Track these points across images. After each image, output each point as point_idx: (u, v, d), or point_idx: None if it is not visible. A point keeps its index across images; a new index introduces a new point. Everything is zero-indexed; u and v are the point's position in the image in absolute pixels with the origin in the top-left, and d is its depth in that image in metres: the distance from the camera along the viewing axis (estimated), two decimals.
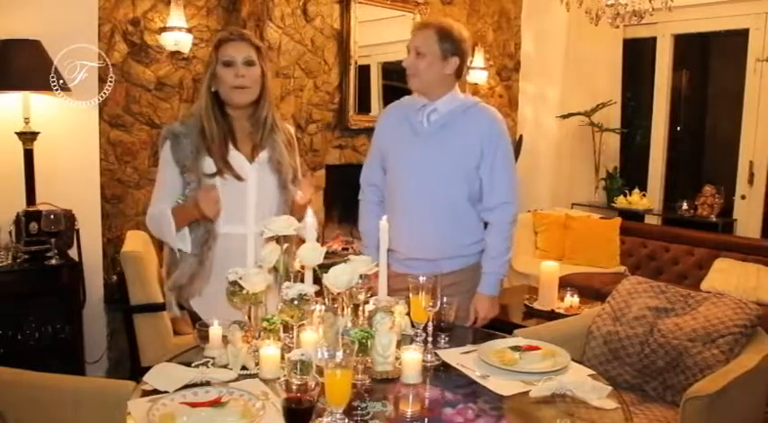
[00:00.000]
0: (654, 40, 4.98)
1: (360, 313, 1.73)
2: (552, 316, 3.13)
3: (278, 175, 2.08)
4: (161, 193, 2.03)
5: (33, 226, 2.76)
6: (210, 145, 1.98)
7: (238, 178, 2.00)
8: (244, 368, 1.64)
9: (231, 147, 2.02)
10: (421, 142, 2.20)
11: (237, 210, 2.02)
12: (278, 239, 1.78)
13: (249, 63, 2.00)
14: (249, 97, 2.03)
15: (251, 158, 2.05)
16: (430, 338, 1.78)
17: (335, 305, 1.71)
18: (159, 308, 2.74)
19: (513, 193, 2.26)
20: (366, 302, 1.74)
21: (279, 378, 1.56)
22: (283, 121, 2.22)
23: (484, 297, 2.26)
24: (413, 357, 1.63)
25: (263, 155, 2.07)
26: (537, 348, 1.82)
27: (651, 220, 4.94)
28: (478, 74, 4.94)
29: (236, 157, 2.02)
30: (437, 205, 2.20)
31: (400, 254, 2.21)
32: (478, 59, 4.91)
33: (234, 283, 1.71)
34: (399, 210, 2.21)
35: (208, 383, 1.55)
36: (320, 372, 1.38)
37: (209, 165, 1.99)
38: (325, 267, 1.68)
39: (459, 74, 2.22)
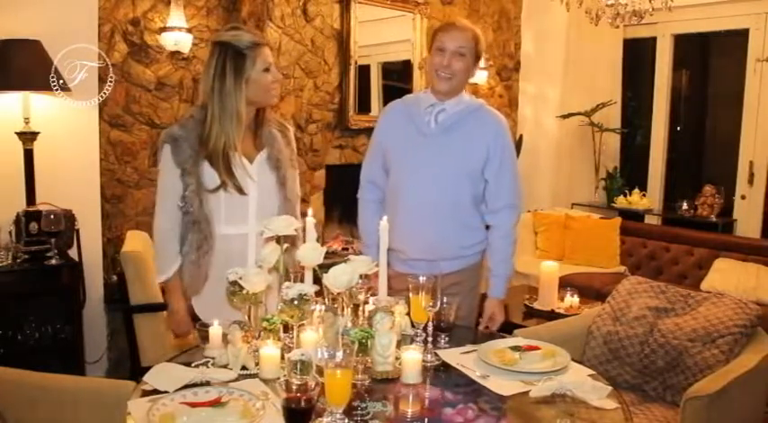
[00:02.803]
0: (654, 40, 4.99)
1: (360, 313, 1.73)
2: (552, 316, 3.13)
3: (277, 172, 2.09)
4: (165, 201, 2.01)
5: (33, 226, 2.76)
6: (212, 154, 1.96)
7: (240, 191, 1.99)
8: (244, 368, 1.64)
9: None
10: (427, 143, 2.20)
11: (239, 211, 2.02)
12: (278, 239, 1.78)
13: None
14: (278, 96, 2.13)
15: (251, 158, 2.05)
16: (430, 338, 1.78)
17: (335, 305, 1.71)
18: (159, 308, 2.73)
19: (517, 195, 2.27)
20: (366, 302, 1.74)
21: (279, 378, 1.56)
22: (273, 112, 2.24)
23: (497, 301, 2.29)
24: (413, 357, 1.63)
25: (263, 153, 2.07)
26: (537, 348, 1.82)
27: (651, 220, 4.94)
28: (478, 74, 4.93)
29: (238, 162, 2.01)
30: (441, 206, 2.19)
31: (403, 254, 2.21)
32: None
33: (234, 283, 1.71)
34: (403, 210, 2.21)
35: (208, 383, 1.55)
36: (320, 372, 1.38)
37: (210, 176, 1.97)
38: (325, 267, 1.68)
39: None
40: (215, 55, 1.99)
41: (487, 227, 2.30)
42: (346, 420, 1.36)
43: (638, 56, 5.20)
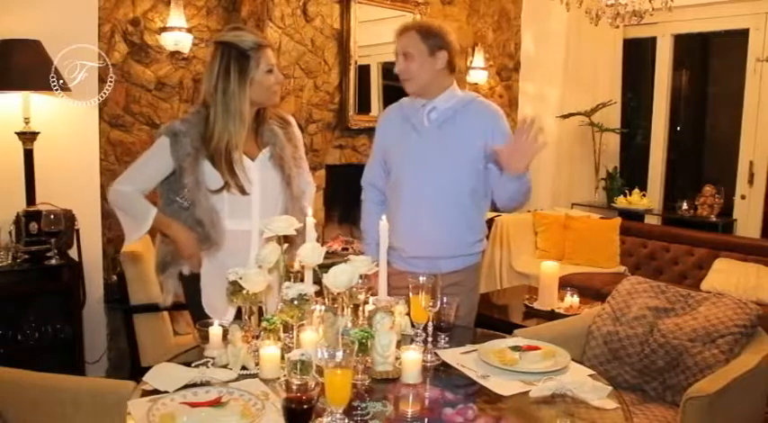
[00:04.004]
0: (654, 40, 4.98)
1: (360, 313, 1.74)
2: (552, 316, 3.13)
3: (281, 171, 2.09)
4: (139, 178, 2.02)
5: (33, 226, 2.76)
6: (214, 154, 1.97)
7: (243, 192, 1.99)
8: (244, 368, 1.64)
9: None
10: (423, 140, 2.20)
11: (242, 208, 2.03)
12: (278, 239, 1.78)
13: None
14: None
15: (254, 156, 2.05)
16: (430, 338, 1.78)
17: (335, 305, 1.71)
18: (159, 308, 2.74)
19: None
20: (366, 302, 1.74)
21: (279, 378, 1.56)
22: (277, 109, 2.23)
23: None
24: (413, 357, 1.63)
25: (266, 152, 2.07)
26: (537, 348, 1.82)
27: (651, 220, 4.94)
28: (478, 74, 4.94)
29: (239, 162, 2.01)
30: (440, 202, 2.20)
31: (404, 252, 2.21)
32: (478, 59, 4.90)
33: (234, 283, 1.71)
34: (403, 207, 2.21)
35: (208, 383, 1.55)
36: (320, 372, 1.38)
37: (212, 177, 1.97)
38: (325, 267, 1.68)
39: (453, 68, 2.22)
40: (218, 55, 1.99)
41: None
42: (346, 420, 1.36)
43: (638, 56, 5.20)
